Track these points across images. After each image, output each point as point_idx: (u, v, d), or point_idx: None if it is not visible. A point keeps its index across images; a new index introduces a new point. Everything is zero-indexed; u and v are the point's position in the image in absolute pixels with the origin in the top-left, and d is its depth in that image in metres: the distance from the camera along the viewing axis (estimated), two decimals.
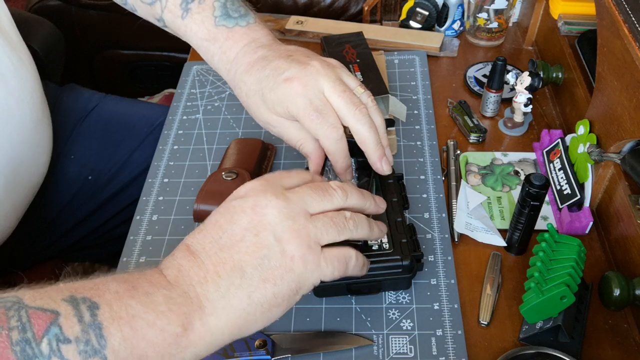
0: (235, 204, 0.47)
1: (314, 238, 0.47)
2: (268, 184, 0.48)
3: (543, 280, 0.57)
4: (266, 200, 0.46)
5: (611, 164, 0.67)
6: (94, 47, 1.58)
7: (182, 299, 0.43)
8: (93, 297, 0.40)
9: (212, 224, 0.47)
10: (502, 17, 0.96)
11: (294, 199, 0.47)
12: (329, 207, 0.49)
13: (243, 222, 0.46)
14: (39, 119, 0.79)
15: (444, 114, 0.87)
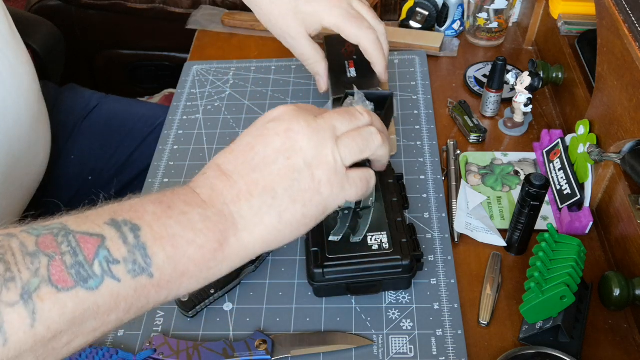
0: (269, 126, 0.48)
1: (340, 162, 0.49)
2: (299, 109, 0.49)
3: (543, 280, 0.57)
4: (299, 126, 0.48)
5: (611, 164, 0.67)
6: (94, 47, 1.58)
7: (217, 217, 0.45)
8: (133, 220, 0.42)
9: (245, 145, 0.48)
10: (502, 17, 0.96)
11: (324, 124, 0.49)
12: (355, 127, 0.52)
13: (276, 144, 0.47)
14: (36, 116, 0.79)
15: (444, 114, 0.87)
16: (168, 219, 0.43)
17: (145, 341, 0.61)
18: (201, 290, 0.64)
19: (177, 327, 0.64)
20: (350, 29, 0.66)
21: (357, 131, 0.51)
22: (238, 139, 0.49)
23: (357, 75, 0.68)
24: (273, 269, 0.68)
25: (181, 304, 0.63)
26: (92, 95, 1.02)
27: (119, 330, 0.63)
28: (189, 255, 0.43)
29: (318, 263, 0.62)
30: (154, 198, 0.44)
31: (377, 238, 0.63)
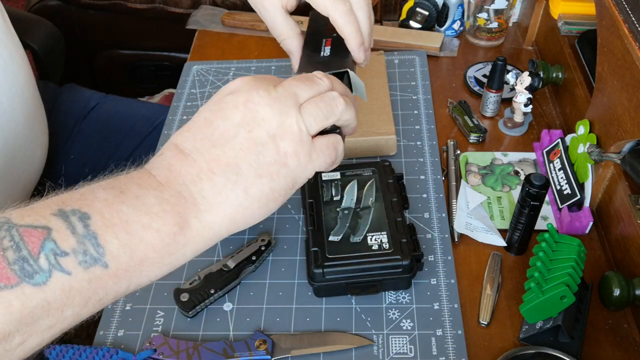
0: (227, 99, 0.45)
1: (305, 130, 0.46)
2: (258, 79, 0.47)
3: (543, 280, 0.57)
4: (258, 97, 0.45)
5: (611, 164, 0.67)
6: (94, 47, 1.58)
7: (175, 198, 0.42)
8: (82, 208, 0.39)
9: (202, 121, 0.45)
10: (502, 17, 0.96)
11: (284, 92, 0.46)
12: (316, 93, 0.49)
13: (236, 118, 0.44)
14: (32, 114, 0.79)
15: (444, 114, 0.87)
16: (120, 204, 0.40)
17: (145, 341, 0.61)
18: (201, 290, 0.64)
19: (177, 327, 0.64)
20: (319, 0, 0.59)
21: (320, 97, 0.48)
22: (195, 115, 0.46)
23: (330, 54, 0.62)
24: (273, 269, 0.68)
25: (181, 304, 0.63)
26: (91, 95, 1.02)
27: (119, 330, 0.63)
28: (146, 240, 0.41)
29: (318, 263, 0.62)
30: (106, 183, 0.42)
31: (377, 238, 0.63)
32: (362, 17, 0.61)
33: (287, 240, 0.71)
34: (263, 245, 0.69)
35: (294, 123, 0.46)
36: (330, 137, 0.50)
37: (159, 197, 0.42)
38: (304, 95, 0.47)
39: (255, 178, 0.44)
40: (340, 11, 0.59)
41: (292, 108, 0.46)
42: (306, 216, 0.68)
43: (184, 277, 0.68)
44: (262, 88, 0.46)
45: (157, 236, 0.41)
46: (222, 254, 0.70)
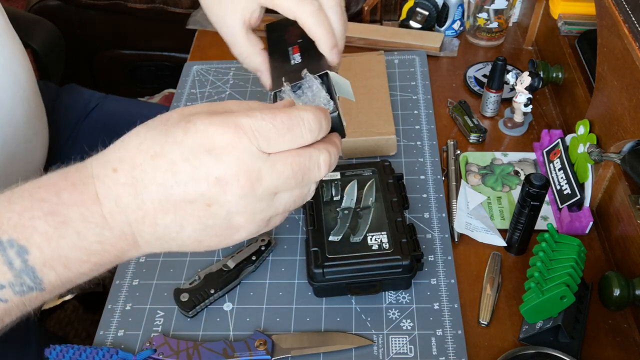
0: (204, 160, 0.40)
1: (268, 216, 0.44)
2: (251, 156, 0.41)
3: (543, 280, 0.57)
4: (237, 186, 0.40)
5: (611, 164, 0.67)
6: (94, 47, 1.58)
7: (117, 238, 0.42)
8: (20, 240, 0.39)
9: (169, 161, 0.40)
10: (502, 17, 0.96)
11: (266, 192, 0.42)
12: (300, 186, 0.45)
13: (201, 187, 0.40)
14: (32, 113, 0.79)
15: (444, 114, 0.87)
16: (61, 240, 0.40)
17: (145, 341, 0.61)
18: (201, 290, 0.64)
19: (177, 327, 0.64)
20: (285, 3, 0.55)
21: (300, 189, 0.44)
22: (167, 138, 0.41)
23: (301, 61, 0.57)
24: (273, 269, 0.68)
25: (181, 304, 0.63)
26: (92, 95, 1.02)
27: (119, 330, 0.63)
28: (83, 271, 0.42)
29: (318, 263, 0.62)
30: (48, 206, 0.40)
31: (377, 238, 0.63)
32: (333, 17, 0.57)
33: (287, 240, 0.71)
34: (263, 245, 0.69)
35: (258, 212, 0.43)
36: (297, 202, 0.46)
37: (101, 237, 0.41)
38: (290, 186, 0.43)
39: (194, 241, 0.43)
40: (309, 12, 0.55)
41: (265, 201, 0.43)
42: (306, 216, 0.68)
43: (184, 277, 0.68)
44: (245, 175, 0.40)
45: (94, 267, 0.42)
46: (222, 254, 0.70)
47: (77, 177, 0.41)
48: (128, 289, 0.67)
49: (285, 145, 0.42)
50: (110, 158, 0.42)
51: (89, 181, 0.41)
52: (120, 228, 0.41)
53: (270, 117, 0.41)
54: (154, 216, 0.41)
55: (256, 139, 0.40)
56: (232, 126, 0.40)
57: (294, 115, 0.42)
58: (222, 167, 0.40)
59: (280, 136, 0.41)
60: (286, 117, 0.42)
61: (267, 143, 0.41)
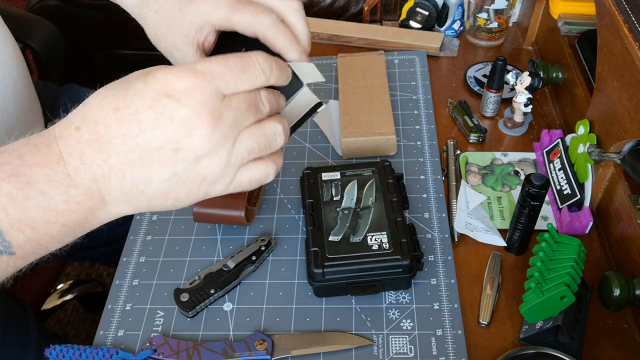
0: (165, 103, 0.41)
1: (233, 163, 0.44)
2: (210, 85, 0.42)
3: (543, 280, 0.57)
4: (201, 121, 0.41)
5: (611, 164, 0.67)
6: (94, 47, 1.58)
7: (83, 197, 0.42)
8: None
9: (132, 112, 0.41)
10: (502, 17, 0.96)
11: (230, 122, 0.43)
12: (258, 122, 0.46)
13: (167, 131, 0.41)
14: (25, 107, 0.79)
15: (444, 114, 0.87)
16: (26, 200, 0.40)
17: (145, 341, 0.61)
18: (201, 290, 0.64)
19: (177, 327, 0.64)
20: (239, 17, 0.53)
21: (262, 130, 0.45)
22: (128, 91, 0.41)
23: None
24: (273, 269, 0.68)
25: (181, 304, 0.63)
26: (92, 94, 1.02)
27: (119, 330, 0.63)
28: (52, 233, 0.42)
29: (318, 263, 0.62)
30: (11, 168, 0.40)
31: (377, 238, 0.63)
32: (297, 22, 0.56)
33: (287, 240, 0.71)
34: (263, 246, 0.69)
35: (224, 155, 0.43)
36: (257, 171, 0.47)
37: (67, 195, 0.41)
38: (246, 122, 0.44)
39: (162, 194, 0.43)
40: (265, 25, 0.53)
41: (230, 140, 0.43)
42: (306, 216, 0.68)
43: (184, 277, 0.68)
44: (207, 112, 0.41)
45: (63, 229, 0.42)
46: (222, 254, 0.70)
47: (39, 140, 0.42)
48: (128, 289, 0.67)
49: (242, 86, 0.44)
50: (72, 118, 0.42)
51: (52, 142, 0.41)
52: (86, 185, 0.41)
53: (224, 61, 0.43)
54: (121, 169, 0.41)
55: (214, 80, 0.42)
56: (190, 71, 0.41)
57: (246, 58, 0.44)
58: (185, 109, 0.41)
59: (236, 76, 0.43)
60: (239, 60, 0.44)
61: (225, 84, 0.42)
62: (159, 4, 0.59)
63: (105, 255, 1.01)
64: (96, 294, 1.41)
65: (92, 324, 1.44)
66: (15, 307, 0.81)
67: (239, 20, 0.54)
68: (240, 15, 0.54)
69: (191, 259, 0.70)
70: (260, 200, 0.75)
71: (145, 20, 0.60)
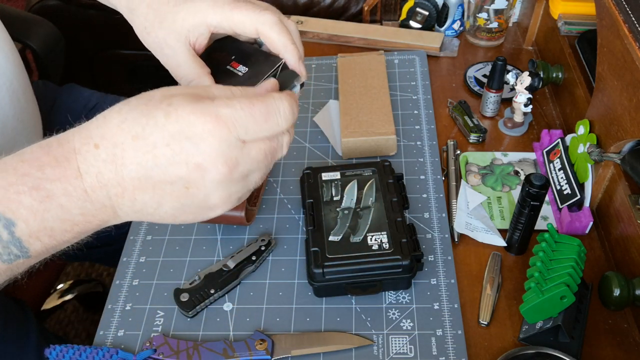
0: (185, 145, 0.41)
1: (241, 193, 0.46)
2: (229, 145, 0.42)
3: (543, 280, 0.57)
4: (215, 172, 0.42)
5: (611, 164, 0.67)
6: (94, 47, 1.58)
7: (98, 210, 0.44)
8: (6, 214, 0.41)
9: (151, 143, 0.41)
10: (502, 17, 0.96)
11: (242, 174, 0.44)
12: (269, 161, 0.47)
13: (181, 171, 0.42)
14: (22, 107, 0.79)
15: (444, 114, 0.87)
16: (46, 213, 0.42)
17: (145, 341, 0.61)
18: (201, 290, 0.64)
19: (177, 327, 0.64)
20: (240, 16, 0.53)
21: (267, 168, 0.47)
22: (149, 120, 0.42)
23: (248, 70, 0.56)
24: (273, 269, 0.68)
25: (181, 304, 0.63)
26: (91, 94, 1.02)
27: (119, 330, 0.63)
28: (67, 239, 0.44)
29: (318, 263, 0.62)
30: (32, 181, 0.41)
31: (377, 238, 0.63)
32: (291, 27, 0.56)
33: (287, 240, 0.71)
34: (263, 245, 0.69)
35: (233, 192, 0.45)
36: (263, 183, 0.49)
37: (83, 209, 0.43)
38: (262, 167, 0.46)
39: (171, 216, 0.45)
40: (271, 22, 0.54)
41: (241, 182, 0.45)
42: (306, 216, 0.68)
43: (184, 277, 0.68)
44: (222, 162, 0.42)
45: (77, 235, 0.45)
46: (222, 254, 0.70)
47: (59, 152, 0.42)
48: (128, 289, 0.67)
49: (262, 134, 0.44)
50: (92, 133, 0.43)
51: (71, 156, 0.42)
52: (101, 201, 0.43)
53: (248, 107, 0.43)
54: (133, 193, 0.43)
55: (235, 129, 0.42)
56: (212, 115, 0.41)
57: (271, 105, 0.44)
58: (202, 155, 0.42)
59: (258, 125, 0.43)
60: (264, 108, 0.43)
61: (245, 132, 0.43)
62: None
63: (105, 255, 1.01)
64: (96, 294, 1.41)
65: (92, 324, 1.44)
66: (15, 307, 0.81)
67: (240, 18, 0.54)
68: (242, 13, 0.54)
69: (191, 259, 0.70)
70: (260, 200, 0.75)
71: (135, 12, 0.59)
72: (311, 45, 1.02)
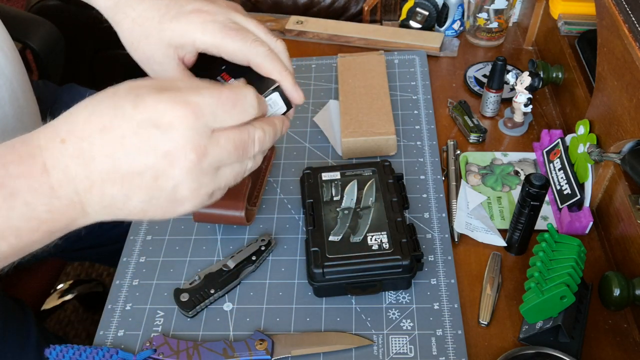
0: (152, 132, 0.41)
1: (211, 190, 0.45)
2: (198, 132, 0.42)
3: (543, 280, 0.57)
4: (184, 160, 0.42)
5: (611, 164, 0.67)
6: (94, 47, 1.58)
7: (66, 207, 0.42)
8: None
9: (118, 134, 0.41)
10: (502, 17, 0.96)
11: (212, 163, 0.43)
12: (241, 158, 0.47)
13: (149, 160, 0.41)
14: (21, 106, 0.79)
15: (444, 114, 0.87)
16: (10, 211, 0.40)
17: (145, 341, 0.61)
18: (201, 290, 0.65)
19: (177, 327, 0.64)
20: (232, 45, 0.53)
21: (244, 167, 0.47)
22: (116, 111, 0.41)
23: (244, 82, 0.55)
24: (273, 269, 0.68)
25: (181, 304, 0.64)
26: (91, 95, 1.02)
27: (119, 330, 0.63)
28: (35, 239, 0.43)
29: (318, 263, 0.62)
30: None
31: (377, 238, 0.63)
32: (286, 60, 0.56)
33: (287, 240, 0.71)
34: (263, 245, 0.69)
35: (202, 185, 0.44)
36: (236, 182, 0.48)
37: (49, 205, 0.42)
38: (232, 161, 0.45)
39: (140, 211, 0.44)
40: (261, 53, 0.53)
41: (210, 174, 0.44)
42: (306, 216, 0.68)
43: (184, 277, 0.68)
44: (190, 149, 0.41)
45: (45, 236, 0.43)
46: (222, 254, 0.70)
47: (24, 150, 0.42)
48: (128, 289, 0.67)
49: (230, 121, 0.44)
50: (58, 129, 0.42)
51: (36, 152, 0.42)
52: (68, 197, 0.42)
53: (217, 94, 0.43)
54: (102, 186, 0.42)
55: (203, 116, 0.42)
56: (181, 103, 0.41)
57: (238, 92, 0.44)
58: (170, 142, 0.41)
59: (226, 112, 0.43)
60: (232, 95, 0.44)
61: (214, 119, 0.43)
62: (137, 12, 0.56)
63: (105, 255, 1.01)
64: (96, 294, 1.41)
65: (92, 324, 1.44)
66: (15, 307, 0.81)
67: (232, 47, 0.53)
68: (233, 43, 0.53)
69: (191, 259, 0.70)
70: (260, 200, 0.75)
71: (121, 27, 0.58)
72: (311, 45, 1.02)
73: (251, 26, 0.56)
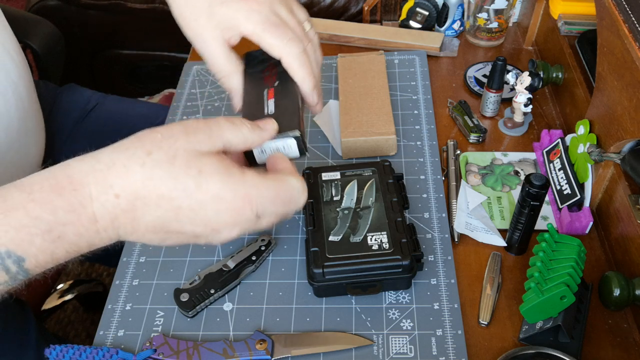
0: (208, 212, 0.46)
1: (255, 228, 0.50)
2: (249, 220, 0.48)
3: (543, 280, 0.57)
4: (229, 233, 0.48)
5: (611, 164, 0.67)
6: (94, 47, 1.58)
7: (105, 243, 0.46)
8: (17, 252, 0.42)
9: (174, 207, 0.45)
10: (502, 17, 0.96)
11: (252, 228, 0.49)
12: None
13: (198, 230, 0.47)
14: (26, 108, 0.79)
15: (444, 114, 0.87)
16: (55, 249, 0.43)
17: (145, 341, 0.61)
18: (201, 290, 0.64)
19: (177, 327, 0.64)
20: (269, 39, 0.56)
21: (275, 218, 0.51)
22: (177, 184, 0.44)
23: (275, 112, 0.56)
24: (273, 269, 0.68)
25: (181, 304, 0.63)
26: (91, 95, 1.02)
27: (119, 330, 0.63)
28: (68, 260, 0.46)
29: (318, 263, 0.62)
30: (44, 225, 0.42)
31: (377, 238, 0.63)
32: (317, 57, 0.60)
33: (287, 240, 0.71)
34: (263, 245, 0.69)
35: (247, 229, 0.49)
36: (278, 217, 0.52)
37: (90, 242, 0.45)
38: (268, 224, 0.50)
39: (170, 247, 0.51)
40: (295, 54, 0.57)
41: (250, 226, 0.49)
42: (306, 216, 0.68)
43: (184, 277, 0.68)
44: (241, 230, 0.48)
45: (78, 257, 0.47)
46: (222, 254, 0.70)
47: (74, 197, 0.43)
48: (128, 289, 0.67)
49: (277, 215, 0.50)
50: (112, 182, 0.44)
51: (87, 203, 0.43)
52: (110, 237, 0.46)
53: (274, 194, 0.48)
54: (143, 234, 0.46)
55: (256, 207, 0.47)
56: (241, 195, 0.46)
57: (294, 197, 0.49)
58: (221, 223, 0.46)
59: (276, 208, 0.49)
60: (287, 197, 0.49)
61: (263, 211, 0.48)
62: None
63: (105, 255, 1.01)
64: (96, 294, 1.41)
65: (92, 324, 1.44)
66: (15, 307, 0.81)
67: (269, 41, 0.56)
68: (271, 38, 0.56)
69: (191, 259, 0.70)
70: None
71: (174, 4, 0.62)
72: None
73: (292, 22, 0.58)
